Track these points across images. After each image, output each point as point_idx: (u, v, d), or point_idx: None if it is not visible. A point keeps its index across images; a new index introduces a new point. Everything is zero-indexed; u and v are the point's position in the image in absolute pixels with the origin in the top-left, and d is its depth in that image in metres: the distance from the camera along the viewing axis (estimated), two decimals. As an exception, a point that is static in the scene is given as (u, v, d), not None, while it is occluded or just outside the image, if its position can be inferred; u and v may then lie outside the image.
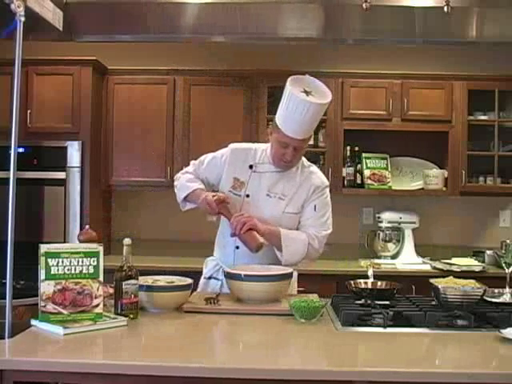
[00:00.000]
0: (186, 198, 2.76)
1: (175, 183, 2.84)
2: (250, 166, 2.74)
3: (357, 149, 4.51)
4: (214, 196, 2.61)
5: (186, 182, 2.77)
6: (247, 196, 2.70)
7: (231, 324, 2.26)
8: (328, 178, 4.33)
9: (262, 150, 2.79)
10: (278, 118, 2.64)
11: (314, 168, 2.84)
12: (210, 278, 2.81)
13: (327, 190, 2.80)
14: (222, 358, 1.88)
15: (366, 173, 4.46)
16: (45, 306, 2.05)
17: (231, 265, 2.67)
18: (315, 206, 2.73)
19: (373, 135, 4.47)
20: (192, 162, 2.89)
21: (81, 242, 2.37)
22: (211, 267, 2.84)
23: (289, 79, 2.60)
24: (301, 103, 2.54)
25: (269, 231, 2.61)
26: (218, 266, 2.79)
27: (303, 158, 2.81)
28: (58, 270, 2.06)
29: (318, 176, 2.80)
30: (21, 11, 2.02)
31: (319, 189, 2.75)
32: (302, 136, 2.61)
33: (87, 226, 2.52)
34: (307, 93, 2.56)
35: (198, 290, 2.77)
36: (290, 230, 2.68)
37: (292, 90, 2.56)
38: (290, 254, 2.63)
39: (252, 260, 2.62)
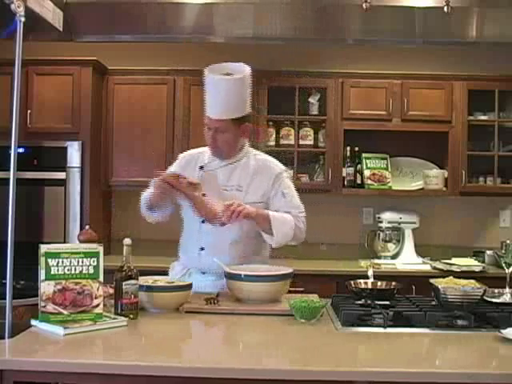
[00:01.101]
0: (149, 207, 2.72)
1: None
2: (201, 167, 2.77)
3: (357, 149, 4.50)
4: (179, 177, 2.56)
5: (145, 194, 2.74)
6: (203, 195, 2.67)
7: (231, 324, 2.26)
8: (328, 178, 4.42)
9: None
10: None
11: (268, 157, 2.85)
12: None
13: (286, 174, 2.83)
14: (221, 358, 1.88)
15: (366, 173, 4.46)
16: (45, 307, 2.04)
17: (197, 267, 2.69)
18: (283, 193, 2.75)
19: (373, 135, 4.47)
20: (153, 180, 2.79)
21: (81, 242, 2.38)
22: (178, 271, 2.80)
23: (207, 68, 2.67)
24: (214, 82, 2.61)
25: (260, 215, 2.62)
26: (186, 269, 2.77)
27: (252, 149, 2.82)
28: (58, 270, 2.06)
29: (275, 164, 2.82)
30: (21, 11, 2.02)
31: (280, 175, 2.77)
32: (219, 115, 2.62)
33: (87, 226, 2.52)
34: (226, 74, 2.62)
35: None
36: (275, 212, 2.68)
37: (209, 74, 2.63)
38: (280, 236, 2.63)
39: (219, 259, 2.62)
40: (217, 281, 2.65)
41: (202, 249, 2.71)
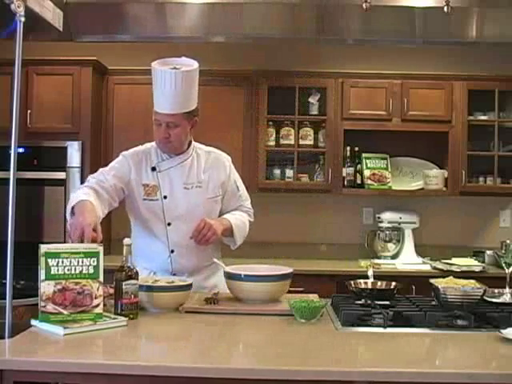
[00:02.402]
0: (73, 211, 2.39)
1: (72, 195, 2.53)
2: (153, 168, 2.69)
3: (357, 149, 4.51)
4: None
5: (79, 193, 2.50)
6: (165, 198, 2.66)
7: (231, 324, 2.25)
8: (328, 178, 4.42)
9: (154, 148, 2.73)
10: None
11: (210, 147, 2.84)
12: None
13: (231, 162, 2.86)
14: (221, 358, 1.88)
15: (366, 173, 4.46)
16: (45, 306, 2.04)
17: (168, 270, 2.67)
18: (237, 185, 2.81)
19: (373, 135, 4.47)
20: (90, 176, 2.73)
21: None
22: (144, 276, 2.53)
23: (154, 61, 2.61)
24: (162, 75, 2.55)
25: (225, 230, 2.68)
26: (152, 272, 2.69)
27: (197, 144, 2.80)
28: (57, 270, 2.06)
29: (223, 155, 2.83)
30: (21, 11, 2.02)
31: (230, 166, 2.81)
32: (169, 110, 2.58)
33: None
34: (173, 69, 2.56)
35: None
36: (234, 217, 2.76)
37: (156, 67, 2.58)
38: (241, 239, 2.77)
39: (188, 261, 2.65)
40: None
41: (172, 251, 2.68)
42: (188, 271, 2.67)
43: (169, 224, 2.67)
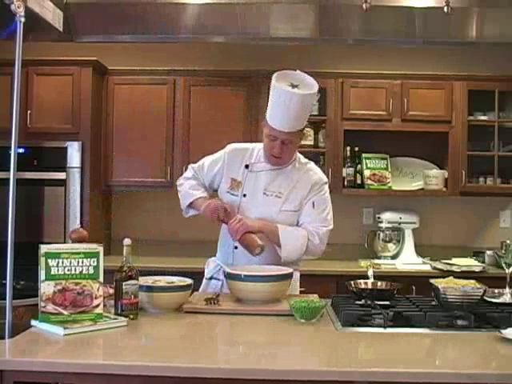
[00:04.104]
0: (189, 205, 2.80)
1: (178, 189, 2.87)
2: (246, 166, 2.75)
3: (357, 149, 4.51)
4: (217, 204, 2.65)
5: (189, 189, 2.81)
6: (244, 196, 2.71)
7: (231, 324, 2.26)
8: (328, 179, 4.35)
9: (259, 149, 2.79)
10: (267, 113, 2.66)
11: (312, 165, 2.84)
12: (211, 278, 2.82)
13: (326, 186, 2.80)
14: (221, 358, 1.88)
15: (366, 173, 4.46)
16: (45, 307, 2.04)
17: (230, 265, 2.68)
18: (313, 203, 2.73)
19: (373, 135, 4.47)
20: (191, 166, 2.90)
21: (73, 240, 2.37)
22: (212, 268, 2.84)
23: (274, 74, 2.63)
24: (285, 95, 2.57)
25: (266, 229, 2.63)
26: (219, 266, 2.79)
27: (300, 155, 2.82)
28: (58, 270, 2.06)
29: (315, 173, 2.80)
30: (21, 12, 2.02)
31: (317, 185, 2.75)
32: (287, 128, 2.60)
33: (79, 225, 2.52)
34: (293, 86, 2.58)
35: (200, 290, 2.78)
36: (289, 227, 2.68)
37: (277, 84, 2.59)
38: (288, 250, 2.64)
39: (250, 260, 2.62)
40: None
41: (236, 247, 2.71)
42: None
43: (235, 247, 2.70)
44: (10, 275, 1.97)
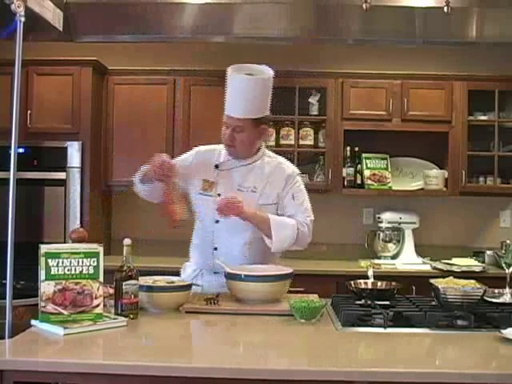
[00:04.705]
0: (141, 181, 2.78)
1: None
2: (216, 166, 2.75)
3: (357, 149, 4.50)
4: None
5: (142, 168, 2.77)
6: (219, 195, 2.69)
7: (231, 324, 2.26)
8: (328, 179, 4.42)
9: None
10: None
11: (282, 159, 2.85)
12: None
13: (299, 177, 2.82)
14: (221, 358, 1.88)
15: (366, 173, 4.46)
16: (45, 307, 2.04)
17: (209, 267, 2.68)
18: (293, 195, 2.74)
19: (373, 135, 4.47)
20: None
21: (73, 240, 2.37)
22: (190, 273, 2.79)
23: (230, 67, 2.67)
24: (236, 81, 2.62)
25: (258, 217, 2.62)
26: (198, 271, 2.77)
27: (268, 151, 2.83)
28: (58, 270, 2.06)
29: (287, 166, 2.82)
30: (21, 11, 2.02)
31: (291, 178, 2.77)
32: (237, 114, 2.62)
33: (79, 225, 2.52)
34: (247, 74, 2.63)
35: None
36: (279, 216, 2.69)
37: (232, 73, 2.64)
38: (279, 240, 2.62)
39: (232, 261, 2.60)
40: None
41: (216, 249, 2.71)
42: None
43: (217, 221, 2.68)
44: (10, 275, 1.97)
